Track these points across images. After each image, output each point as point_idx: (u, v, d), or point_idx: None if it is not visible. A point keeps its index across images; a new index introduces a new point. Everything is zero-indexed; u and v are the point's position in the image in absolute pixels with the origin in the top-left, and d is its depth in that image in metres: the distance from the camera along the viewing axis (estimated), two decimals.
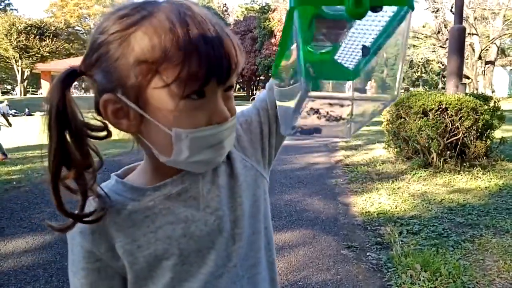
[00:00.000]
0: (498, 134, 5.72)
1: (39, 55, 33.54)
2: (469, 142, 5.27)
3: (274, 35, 36.32)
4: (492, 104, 5.54)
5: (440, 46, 27.31)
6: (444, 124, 5.17)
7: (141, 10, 0.58)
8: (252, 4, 47.72)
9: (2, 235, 3.65)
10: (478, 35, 26.39)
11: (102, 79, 0.59)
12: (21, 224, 3.95)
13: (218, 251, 0.69)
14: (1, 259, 3.16)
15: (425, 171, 5.44)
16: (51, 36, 34.17)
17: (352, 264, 2.95)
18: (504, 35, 27.13)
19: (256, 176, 0.78)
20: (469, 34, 23.05)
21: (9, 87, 42.09)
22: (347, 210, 4.25)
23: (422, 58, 33.72)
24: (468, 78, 25.24)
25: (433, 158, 5.47)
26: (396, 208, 4.14)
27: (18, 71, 34.42)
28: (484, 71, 28.12)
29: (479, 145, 5.27)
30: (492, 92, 25.75)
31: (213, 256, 0.69)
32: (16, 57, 33.37)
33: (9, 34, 32.06)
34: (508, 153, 6.00)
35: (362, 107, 0.61)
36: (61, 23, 40.05)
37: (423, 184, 4.97)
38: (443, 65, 30.00)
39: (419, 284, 2.59)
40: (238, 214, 0.72)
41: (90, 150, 0.63)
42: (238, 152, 0.76)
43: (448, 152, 5.37)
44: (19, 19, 34.02)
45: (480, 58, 27.48)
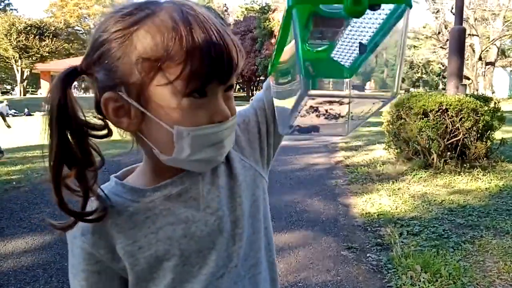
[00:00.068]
0: (498, 135, 5.72)
1: (39, 55, 33.56)
2: (469, 143, 5.27)
3: (274, 36, 36.31)
4: (492, 105, 5.54)
5: (441, 47, 27.34)
6: (445, 125, 5.17)
7: (143, 9, 0.58)
8: (252, 4, 47.71)
9: (1, 235, 3.64)
10: (478, 36, 26.41)
11: (104, 77, 0.59)
12: (20, 224, 3.94)
13: (219, 252, 0.69)
14: (0, 259, 3.16)
15: (425, 172, 5.44)
16: (50, 36, 34.20)
17: (352, 265, 2.95)
18: (504, 36, 27.14)
19: (255, 176, 0.78)
20: (469, 35, 23.06)
21: (8, 87, 42.08)
22: (347, 211, 4.24)
23: (423, 59, 33.79)
24: (468, 79, 25.26)
25: (433, 159, 5.47)
26: (396, 209, 4.14)
27: (18, 71, 34.43)
28: (484, 72, 28.14)
29: (479, 146, 5.27)
30: (492, 93, 25.74)
31: (214, 256, 0.69)
32: (16, 57, 33.38)
33: (8, 34, 32.07)
34: (508, 154, 6.00)
35: (361, 105, 0.60)
36: (60, 23, 40.06)
37: (423, 185, 4.96)
38: (443, 66, 30.04)
39: (419, 285, 2.59)
40: (238, 214, 0.72)
41: (91, 149, 0.63)
42: (236, 152, 0.76)
43: (449, 153, 5.37)
44: (19, 19, 34.05)
45: (480, 59, 27.49)
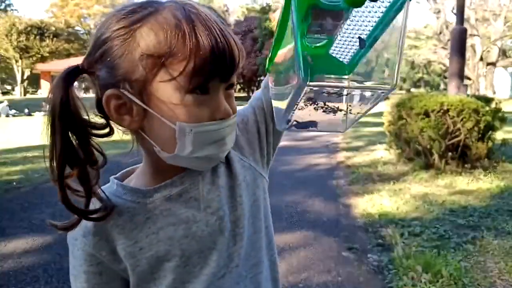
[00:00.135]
0: (499, 135, 5.72)
1: (39, 55, 33.56)
2: (470, 144, 5.26)
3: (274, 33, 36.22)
4: (493, 105, 5.54)
5: (442, 47, 27.33)
6: (446, 126, 5.16)
7: (146, 8, 0.59)
8: (253, 4, 47.73)
9: (2, 236, 3.63)
10: (479, 36, 26.40)
11: (106, 74, 0.60)
12: (21, 224, 3.93)
13: (220, 252, 0.69)
14: (1, 259, 3.15)
15: (426, 172, 5.43)
16: (51, 36, 34.20)
17: (353, 266, 2.94)
18: (505, 36, 27.15)
19: (255, 176, 0.78)
20: (470, 35, 23.04)
21: (9, 87, 42.09)
22: (348, 211, 4.24)
23: (424, 59, 33.78)
24: (469, 79, 25.25)
25: (434, 160, 5.46)
26: (397, 209, 4.13)
27: (18, 71, 34.42)
28: (485, 72, 28.13)
29: (480, 146, 5.26)
30: (494, 93, 25.72)
31: (215, 256, 0.69)
32: (16, 57, 33.38)
33: (9, 34, 32.08)
34: (509, 154, 5.99)
35: (360, 98, 0.60)
36: (61, 23, 40.05)
37: (424, 186, 4.96)
38: (444, 66, 30.01)
39: (420, 286, 2.58)
40: (239, 214, 0.72)
41: (93, 148, 0.64)
42: (236, 152, 0.76)
43: (450, 153, 5.35)
44: (20, 20, 34.04)
45: (481, 59, 27.49)
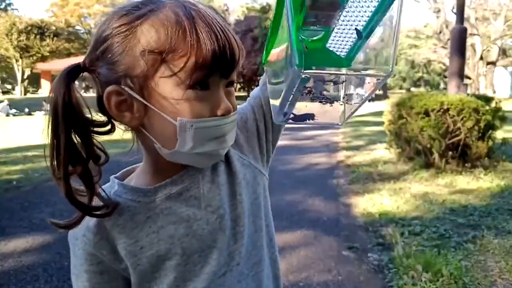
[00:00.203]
0: (499, 134, 5.71)
1: (40, 55, 33.52)
2: (470, 143, 5.26)
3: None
4: (493, 104, 5.54)
5: (442, 47, 27.32)
6: (446, 125, 5.16)
7: (147, 5, 0.59)
8: (253, 3, 47.68)
9: (2, 235, 3.63)
10: (479, 35, 26.38)
11: (107, 71, 0.60)
12: (21, 224, 3.93)
13: (221, 250, 0.69)
14: (1, 258, 3.15)
15: (426, 171, 5.43)
16: (51, 36, 34.15)
17: (354, 265, 2.94)
18: (505, 35, 27.13)
19: (255, 174, 0.78)
20: (470, 34, 23.03)
21: (9, 86, 42.05)
22: (349, 210, 4.24)
23: (424, 58, 33.76)
24: (469, 78, 25.23)
25: (434, 159, 5.46)
26: (397, 209, 4.13)
27: (19, 70, 34.38)
28: (485, 71, 28.11)
29: (480, 145, 5.26)
30: (494, 92, 25.71)
31: (215, 255, 0.69)
32: (17, 56, 33.35)
33: (9, 33, 32.03)
34: (510, 153, 5.98)
35: (356, 86, 0.59)
36: (61, 22, 39.98)
37: (424, 185, 4.96)
38: (444, 65, 29.99)
39: (420, 285, 2.58)
40: (239, 212, 0.72)
41: (95, 146, 0.64)
42: (235, 150, 0.76)
43: (450, 152, 5.35)
44: (20, 19, 33.99)
45: (481, 58, 27.48)
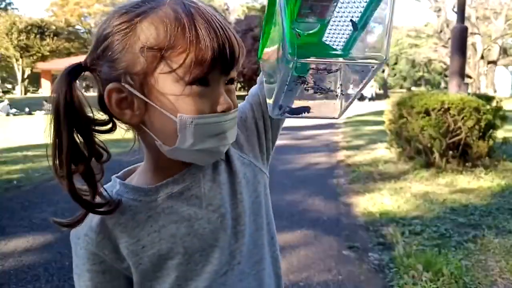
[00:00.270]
0: (500, 134, 5.71)
1: (40, 54, 33.52)
2: (471, 142, 5.26)
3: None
4: (494, 104, 5.53)
5: (442, 46, 27.30)
6: (447, 124, 5.16)
7: (147, 4, 0.60)
8: (254, 3, 47.64)
9: (3, 235, 3.64)
10: (480, 34, 26.35)
11: (107, 69, 0.60)
12: (21, 223, 3.93)
13: (222, 249, 0.69)
14: (2, 258, 3.15)
15: (427, 171, 5.42)
16: (51, 35, 34.14)
17: (354, 265, 2.94)
18: (506, 34, 27.10)
19: (256, 172, 0.78)
20: (471, 33, 23.00)
21: (9, 86, 42.05)
22: (349, 210, 4.24)
23: (424, 58, 33.74)
24: (470, 77, 25.21)
25: (435, 158, 5.45)
26: (398, 208, 4.12)
27: (19, 70, 34.38)
28: (486, 70, 28.09)
29: (481, 145, 5.25)
30: (494, 91, 25.68)
31: (217, 254, 0.69)
32: (17, 56, 33.34)
33: (9, 33, 32.03)
34: (510, 153, 5.98)
35: (350, 76, 0.59)
36: (61, 22, 39.96)
37: (425, 184, 4.95)
38: (445, 64, 29.97)
39: (421, 284, 2.58)
40: (240, 211, 0.72)
41: (97, 145, 0.64)
42: (235, 149, 0.77)
43: (451, 152, 5.35)
44: (20, 18, 33.99)
45: (482, 57, 27.45)
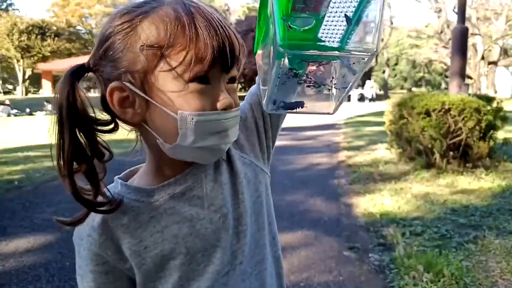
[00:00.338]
0: (501, 135, 5.70)
1: (41, 55, 33.54)
2: (472, 143, 5.25)
3: None
4: (495, 104, 5.52)
5: (443, 46, 27.29)
6: (447, 125, 5.15)
7: (148, 4, 0.61)
8: (254, 3, 47.62)
9: (4, 235, 3.64)
10: (481, 35, 26.33)
11: (109, 69, 0.61)
12: (22, 224, 3.94)
13: (224, 249, 0.70)
14: (3, 258, 3.16)
15: (428, 172, 5.42)
16: (52, 36, 34.17)
17: (355, 265, 2.94)
18: (507, 35, 27.09)
19: (257, 172, 0.78)
20: (471, 34, 22.99)
21: (10, 87, 42.08)
22: (350, 211, 4.23)
23: (425, 58, 33.73)
24: (471, 78, 25.19)
25: (436, 159, 5.45)
26: (398, 209, 4.12)
27: (20, 71, 34.40)
28: (486, 71, 28.07)
29: (482, 146, 5.24)
30: (495, 92, 25.67)
31: (219, 254, 0.69)
32: (18, 57, 33.37)
33: (10, 34, 32.07)
34: (511, 154, 5.97)
35: (343, 69, 0.59)
36: (62, 22, 39.99)
37: (426, 185, 4.95)
38: (445, 65, 29.96)
39: (421, 285, 2.58)
40: (241, 211, 0.72)
41: (99, 144, 0.65)
42: (236, 150, 0.77)
43: (451, 152, 5.35)
44: (21, 19, 34.02)
45: (483, 58, 27.43)
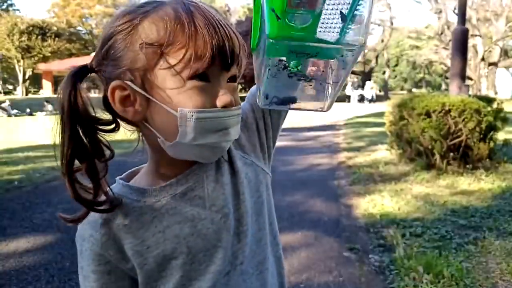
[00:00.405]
0: (501, 136, 5.70)
1: (41, 55, 33.56)
2: (472, 144, 5.25)
3: None
4: (495, 105, 5.52)
5: (443, 47, 27.30)
6: (447, 126, 5.15)
7: (149, 5, 0.62)
8: None
9: (3, 235, 3.64)
10: (481, 36, 26.34)
11: (111, 68, 0.62)
12: (22, 224, 3.94)
13: (225, 249, 0.70)
14: (2, 259, 3.16)
15: (428, 173, 5.41)
16: (53, 36, 34.19)
17: (355, 267, 2.94)
18: (507, 36, 27.10)
19: (258, 172, 0.78)
20: (472, 35, 23.00)
21: (10, 87, 42.10)
22: (350, 212, 4.23)
23: (425, 59, 33.74)
24: (471, 79, 25.20)
25: (436, 160, 5.45)
26: (399, 210, 4.12)
27: (20, 71, 34.42)
28: (487, 72, 28.08)
29: (482, 147, 5.24)
30: (495, 93, 25.67)
31: (220, 254, 0.69)
32: (18, 57, 33.40)
33: (11, 34, 32.10)
34: (511, 155, 5.97)
35: (333, 63, 0.59)
36: (63, 23, 40.03)
37: (426, 186, 4.95)
38: (446, 66, 29.97)
39: (421, 286, 2.58)
40: (242, 212, 0.72)
41: (101, 143, 0.65)
42: (237, 150, 0.77)
43: (451, 154, 5.34)
44: (21, 19, 34.04)
45: (483, 59, 27.44)
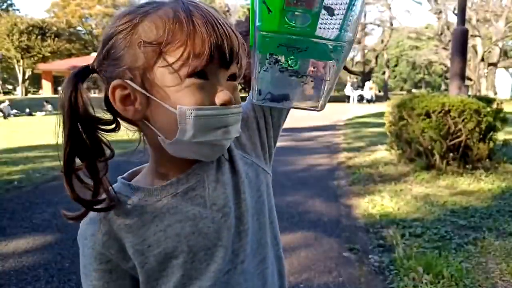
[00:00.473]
0: (501, 136, 5.70)
1: (41, 55, 33.55)
2: (472, 144, 5.25)
3: None
4: (495, 106, 5.52)
5: (443, 48, 27.30)
6: (447, 126, 5.16)
7: (149, 5, 0.62)
8: None
9: (3, 235, 3.64)
10: (480, 37, 26.34)
11: (112, 68, 0.62)
12: (22, 224, 3.94)
13: (226, 248, 0.70)
14: (2, 259, 3.15)
15: (427, 173, 5.42)
16: (52, 36, 34.20)
17: (354, 267, 2.94)
18: (506, 37, 27.10)
19: (258, 172, 0.79)
20: (471, 36, 23.00)
21: (10, 87, 42.09)
22: (349, 212, 4.23)
23: (425, 60, 33.74)
24: (470, 80, 25.20)
25: (435, 160, 5.45)
26: (398, 210, 4.12)
27: (20, 71, 34.41)
28: (486, 73, 28.08)
29: (482, 147, 5.24)
30: (495, 94, 25.69)
31: (221, 253, 0.70)
32: (18, 57, 33.39)
33: (11, 34, 32.11)
34: (511, 155, 5.97)
35: (319, 54, 0.60)
36: (62, 23, 40.03)
37: (425, 186, 4.95)
38: (445, 66, 29.98)
39: (421, 286, 2.58)
40: (243, 211, 0.73)
41: (101, 142, 0.66)
42: (238, 150, 0.78)
43: (451, 154, 5.35)
44: (21, 19, 34.04)
45: (482, 60, 27.44)
